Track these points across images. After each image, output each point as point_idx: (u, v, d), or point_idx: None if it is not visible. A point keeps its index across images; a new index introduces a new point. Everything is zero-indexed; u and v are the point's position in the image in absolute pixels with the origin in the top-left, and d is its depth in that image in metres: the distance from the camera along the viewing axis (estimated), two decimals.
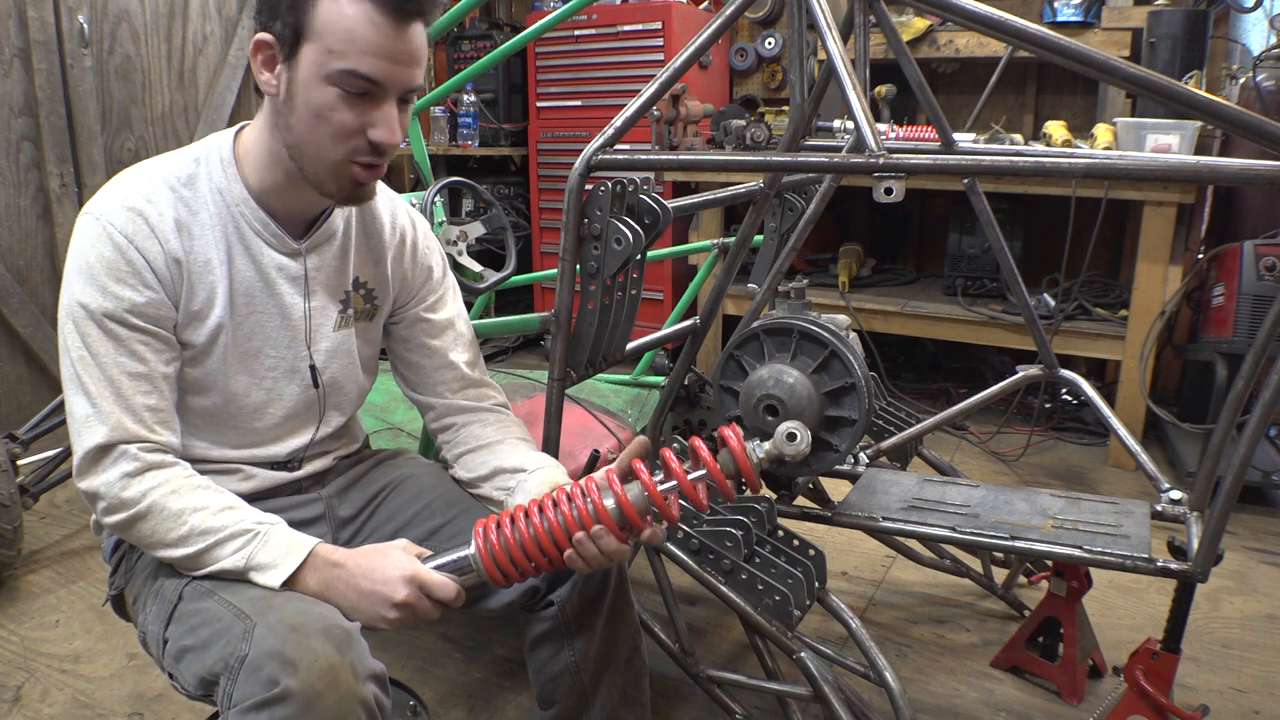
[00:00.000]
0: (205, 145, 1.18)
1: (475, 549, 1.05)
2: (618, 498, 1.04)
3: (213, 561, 1.06)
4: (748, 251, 1.73)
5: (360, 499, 1.34)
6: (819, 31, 1.23)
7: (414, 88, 1.10)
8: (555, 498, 1.06)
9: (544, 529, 1.04)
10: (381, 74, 1.05)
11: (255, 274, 1.17)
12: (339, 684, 0.93)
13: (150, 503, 1.06)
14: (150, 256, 1.09)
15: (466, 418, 1.35)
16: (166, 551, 1.07)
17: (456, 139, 4.31)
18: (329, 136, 1.07)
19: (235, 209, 1.15)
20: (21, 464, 2.35)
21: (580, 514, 1.03)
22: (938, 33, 3.53)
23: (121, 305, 1.08)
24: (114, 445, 1.07)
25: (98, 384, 1.07)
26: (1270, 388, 1.21)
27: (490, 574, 1.05)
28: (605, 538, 1.04)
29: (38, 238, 2.99)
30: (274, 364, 1.21)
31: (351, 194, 1.14)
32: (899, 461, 2.04)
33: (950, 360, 3.88)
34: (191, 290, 1.13)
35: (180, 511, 1.06)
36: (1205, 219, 3.19)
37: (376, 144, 1.08)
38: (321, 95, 1.05)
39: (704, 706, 1.74)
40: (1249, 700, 1.81)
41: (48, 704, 1.80)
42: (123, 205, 1.10)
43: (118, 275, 1.08)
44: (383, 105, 1.07)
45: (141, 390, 1.09)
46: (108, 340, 1.08)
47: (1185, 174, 1.11)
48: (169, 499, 1.07)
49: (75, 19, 2.95)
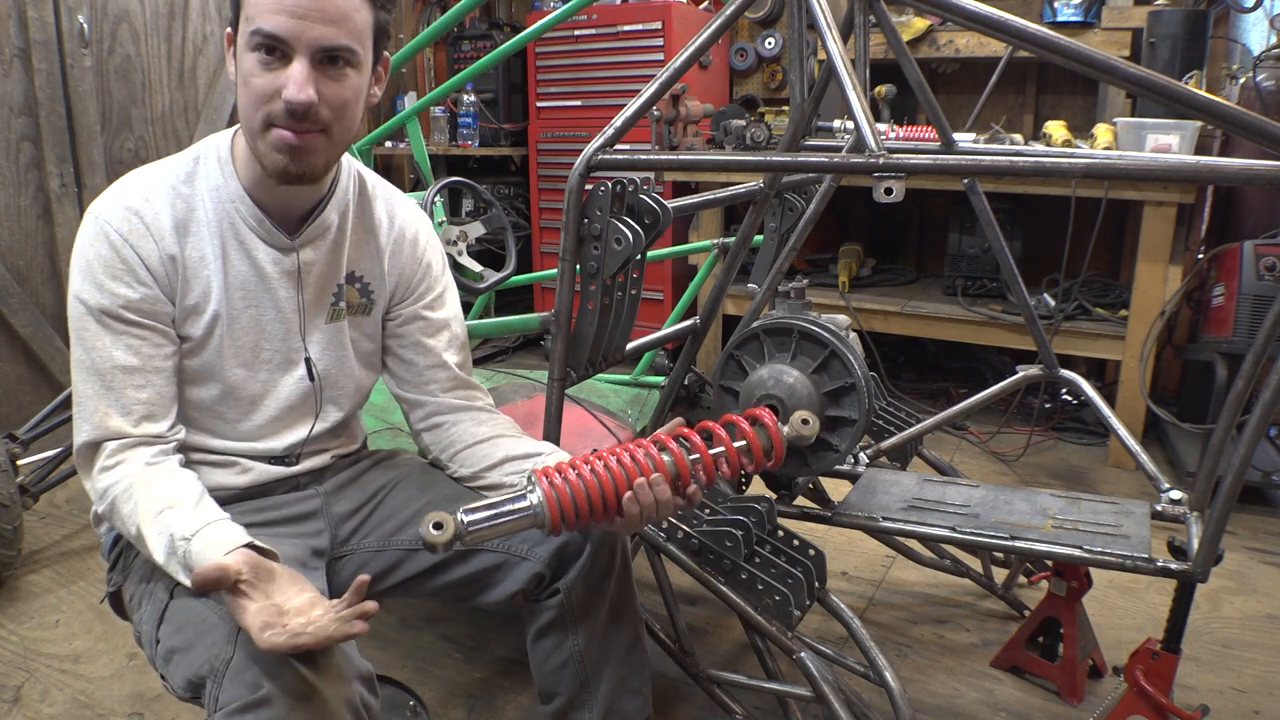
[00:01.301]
0: (205, 144, 1.21)
1: (541, 494, 1.07)
2: (674, 453, 1.12)
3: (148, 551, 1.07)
4: (748, 251, 1.73)
5: (359, 497, 1.34)
6: (819, 31, 1.23)
7: (330, 46, 1.06)
8: (615, 450, 1.12)
9: (606, 474, 1.09)
10: (282, 29, 1.04)
11: (250, 269, 1.19)
12: (324, 686, 0.93)
13: (111, 500, 1.12)
14: (145, 254, 1.13)
15: (457, 416, 1.35)
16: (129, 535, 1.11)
17: (456, 139, 4.32)
18: (250, 103, 1.09)
19: (230, 205, 1.18)
20: (21, 464, 2.35)
21: (640, 462, 1.10)
22: (938, 33, 3.53)
23: (117, 301, 1.12)
24: (97, 443, 1.13)
25: (89, 381, 1.12)
26: (1270, 388, 1.22)
27: (551, 517, 1.07)
28: (661, 485, 1.09)
29: (38, 238, 2.99)
30: (270, 356, 1.23)
31: (285, 165, 1.10)
32: (899, 461, 2.04)
33: (950, 360, 3.88)
34: (187, 285, 1.16)
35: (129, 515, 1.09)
36: (1205, 219, 3.18)
37: (288, 103, 1.05)
38: (245, 63, 1.08)
39: (704, 706, 1.74)
40: (1249, 700, 1.81)
41: (48, 704, 1.80)
42: (121, 205, 1.14)
43: (113, 273, 1.12)
44: (291, 64, 1.06)
45: (134, 384, 1.13)
46: (105, 334, 1.12)
47: (1185, 174, 1.11)
48: (121, 499, 1.10)
49: (75, 19, 2.95)
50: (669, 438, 1.14)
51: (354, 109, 1.13)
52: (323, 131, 1.11)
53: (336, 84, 1.09)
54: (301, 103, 1.06)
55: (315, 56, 1.06)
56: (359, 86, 1.13)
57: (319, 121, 1.09)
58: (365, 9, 1.10)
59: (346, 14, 1.07)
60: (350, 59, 1.09)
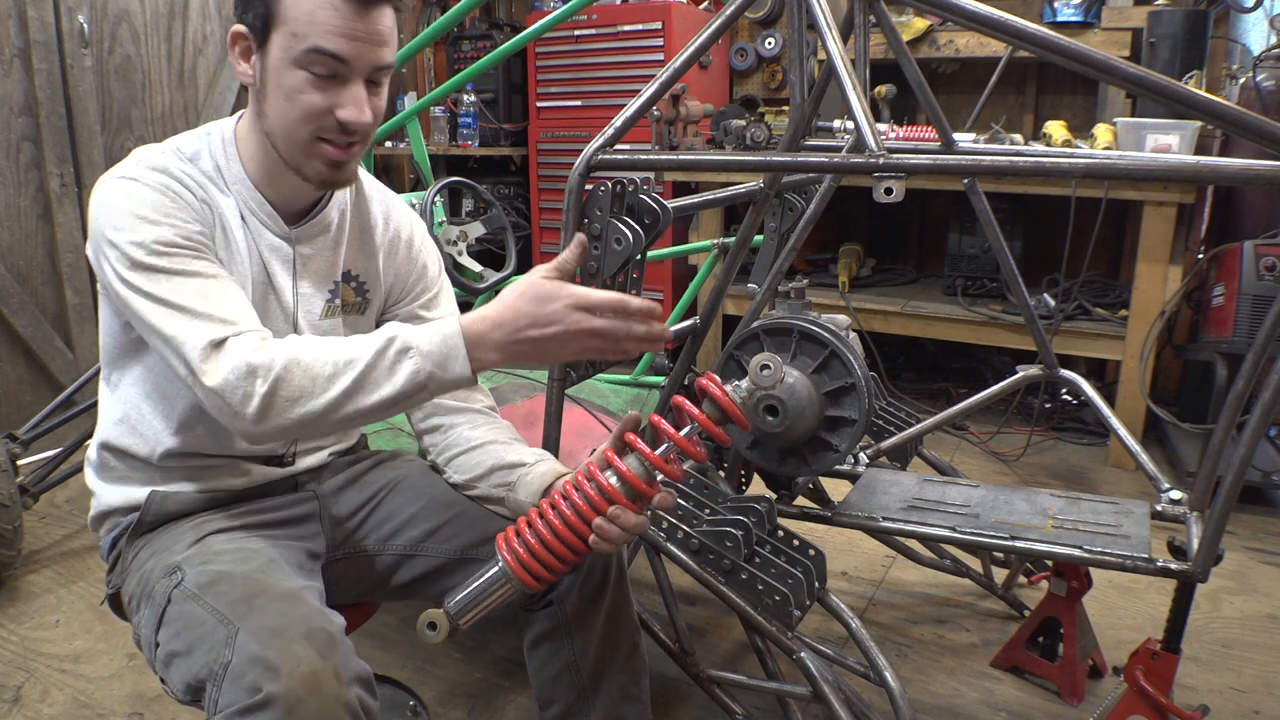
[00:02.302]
0: (209, 126, 1.22)
1: (503, 561, 1.06)
2: (621, 474, 1.05)
3: (374, 385, 1.01)
4: (748, 251, 1.73)
5: (357, 499, 1.34)
6: (819, 31, 1.23)
7: (381, 66, 1.11)
8: (564, 490, 1.07)
9: (563, 525, 1.05)
10: (345, 51, 1.06)
11: (258, 250, 1.20)
12: (322, 689, 0.93)
13: (286, 359, 1.02)
14: (188, 199, 1.12)
15: (454, 419, 1.35)
16: (321, 398, 1.01)
17: (456, 139, 4.32)
18: (298, 118, 1.09)
19: (234, 188, 1.18)
20: (21, 464, 2.36)
21: (592, 499, 1.05)
22: (938, 33, 3.53)
23: (177, 231, 1.08)
24: (224, 339, 1.04)
25: (183, 297, 1.05)
26: (1270, 388, 1.22)
27: (524, 581, 1.05)
28: (623, 515, 1.04)
29: (38, 238, 2.99)
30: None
31: (329, 176, 1.15)
32: (899, 461, 2.04)
33: (950, 360, 3.88)
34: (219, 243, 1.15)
35: (315, 356, 1.02)
36: (1205, 219, 3.18)
37: (345, 123, 1.10)
38: (290, 79, 1.08)
39: (704, 706, 1.74)
40: (1249, 700, 1.81)
41: (48, 704, 1.80)
42: (147, 165, 1.12)
43: (164, 210, 1.09)
44: (349, 85, 1.09)
45: (222, 294, 1.08)
46: (173, 261, 1.07)
47: (1185, 174, 1.11)
48: (299, 351, 1.02)
49: (75, 19, 2.95)
50: (614, 456, 1.06)
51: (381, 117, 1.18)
52: (361, 142, 1.15)
53: (377, 98, 1.14)
54: (364, 124, 1.11)
55: (368, 77, 1.11)
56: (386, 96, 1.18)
57: (363, 134, 1.13)
58: (394, 23, 1.13)
59: (392, 33, 1.12)
60: (389, 76, 1.15)
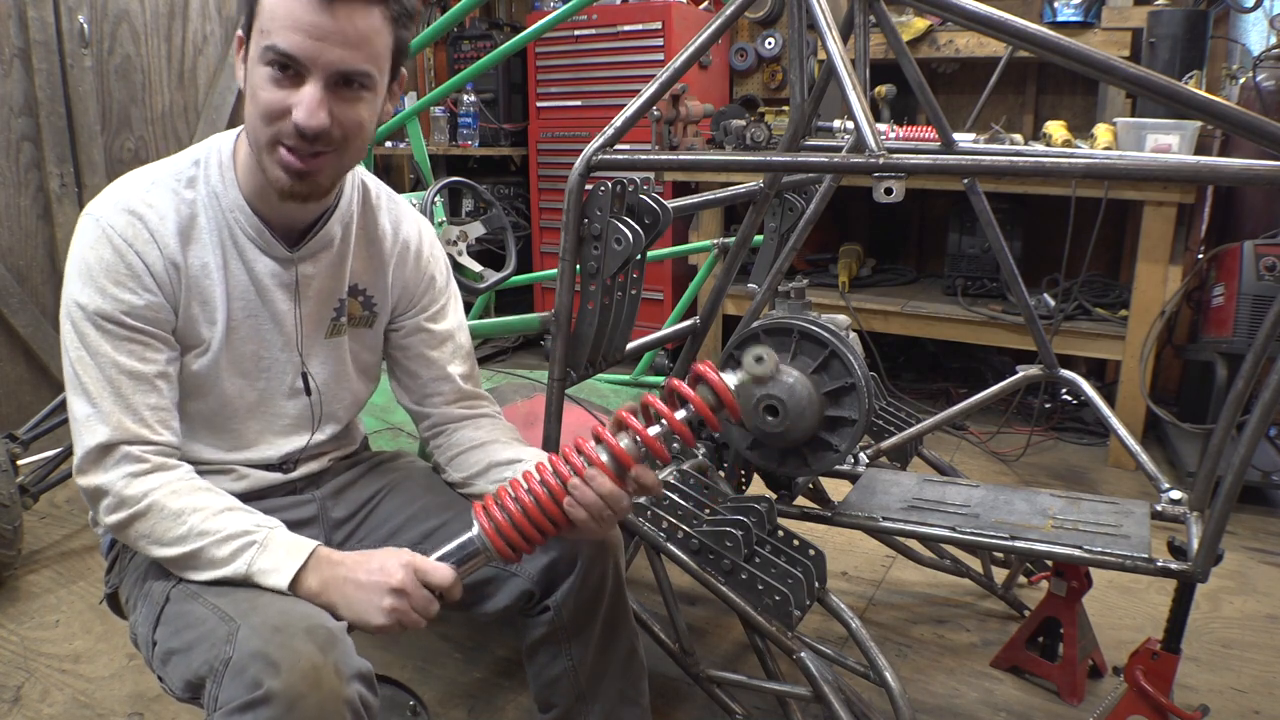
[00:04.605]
0: (206, 146, 1.18)
1: (478, 528, 1.05)
2: (608, 444, 1.03)
3: (208, 564, 1.05)
4: (748, 251, 1.73)
5: (355, 501, 1.34)
6: (819, 31, 1.23)
7: (346, 70, 1.03)
8: (552, 458, 1.06)
9: (542, 490, 1.03)
10: (298, 49, 1.00)
11: (249, 280, 1.17)
12: (322, 684, 0.92)
13: (151, 501, 1.06)
14: (149, 261, 1.09)
15: (459, 424, 1.35)
16: (163, 551, 1.06)
17: (456, 139, 4.31)
18: (256, 116, 1.06)
19: (230, 214, 1.15)
20: (21, 464, 2.35)
21: (573, 464, 1.03)
22: (938, 33, 3.53)
23: (120, 307, 1.07)
24: (116, 445, 1.07)
25: (97, 384, 1.07)
26: (1270, 388, 1.22)
27: (499, 549, 1.04)
28: (598, 479, 1.01)
29: (38, 238, 2.99)
30: (267, 368, 1.21)
31: (291, 186, 1.08)
32: (899, 461, 2.04)
33: (950, 360, 3.88)
34: (189, 294, 1.13)
35: (180, 511, 1.06)
36: (1205, 219, 3.18)
37: (298, 126, 1.03)
38: (254, 76, 1.05)
39: (704, 706, 1.74)
40: (1249, 700, 1.81)
41: (48, 704, 1.80)
42: (123, 208, 1.09)
43: (116, 278, 1.07)
44: (304, 85, 1.03)
45: (141, 389, 1.08)
46: (106, 340, 1.07)
47: (1185, 174, 1.11)
48: (169, 498, 1.06)
49: (75, 19, 2.95)
50: (602, 428, 1.05)
51: (367, 130, 1.10)
52: (333, 152, 1.08)
53: (350, 106, 1.06)
54: (312, 128, 1.03)
55: (330, 79, 1.03)
56: (373, 108, 1.10)
57: (330, 143, 1.06)
58: (387, 31, 1.06)
59: (368, 38, 1.04)
60: (366, 82, 1.06)
